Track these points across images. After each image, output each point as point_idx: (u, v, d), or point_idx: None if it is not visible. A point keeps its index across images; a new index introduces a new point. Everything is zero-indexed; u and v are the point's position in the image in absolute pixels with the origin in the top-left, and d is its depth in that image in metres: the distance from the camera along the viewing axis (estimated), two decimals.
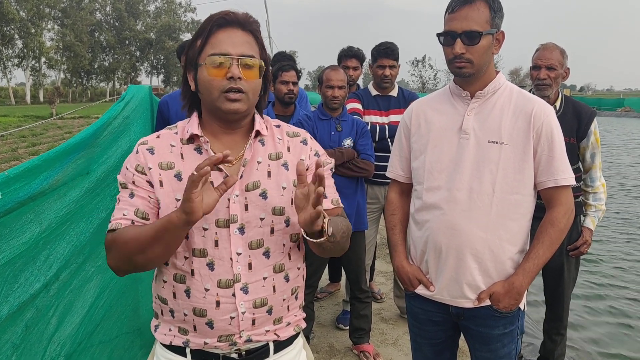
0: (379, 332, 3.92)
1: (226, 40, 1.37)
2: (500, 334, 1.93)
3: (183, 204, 1.20)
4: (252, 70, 1.39)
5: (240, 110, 1.39)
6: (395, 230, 2.14)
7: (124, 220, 1.38)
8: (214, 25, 1.39)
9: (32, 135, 18.29)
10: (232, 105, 1.37)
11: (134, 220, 1.38)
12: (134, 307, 2.66)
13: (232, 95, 1.36)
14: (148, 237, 1.29)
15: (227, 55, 1.36)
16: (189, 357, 1.44)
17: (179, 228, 1.25)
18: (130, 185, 1.41)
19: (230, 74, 1.35)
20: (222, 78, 1.36)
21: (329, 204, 1.52)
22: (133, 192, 1.40)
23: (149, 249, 1.30)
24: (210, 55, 1.37)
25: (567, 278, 3.08)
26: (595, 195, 3.01)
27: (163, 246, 1.30)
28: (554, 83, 2.86)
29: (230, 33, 1.39)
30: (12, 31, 51.69)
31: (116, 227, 1.37)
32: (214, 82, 1.36)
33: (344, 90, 3.23)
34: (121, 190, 1.43)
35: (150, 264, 1.37)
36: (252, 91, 1.40)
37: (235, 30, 1.39)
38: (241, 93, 1.37)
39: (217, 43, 1.37)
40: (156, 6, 72.47)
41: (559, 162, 1.83)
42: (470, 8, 1.77)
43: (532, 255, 1.85)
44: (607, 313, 4.81)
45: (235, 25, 1.39)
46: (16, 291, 1.74)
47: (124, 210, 1.39)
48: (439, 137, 1.94)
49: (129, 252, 1.33)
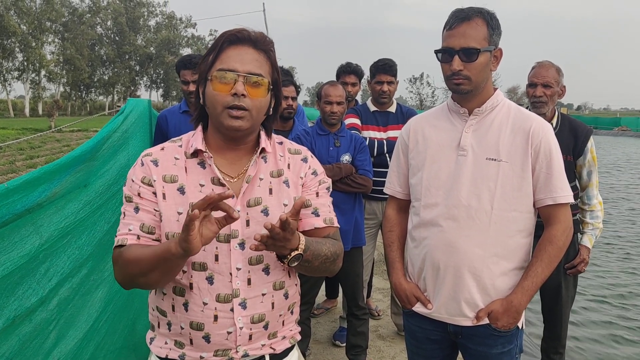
0: (376, 349, 3.89)
1: (235, 57, 1.39)
2: (498, 352, 1.92)
3: (181, 242, 1.20)
4: (258, 89, 1.39)
5: (242, 128, 1.39)
6: (393, 247, 2.13)
7: (130, 235, 1.39)
8: (226, 42, 1.41)
9: (30, 148, 18.27)
10: (235, 122, 1.38)
11: (139, 235, 1.39)
12: (132, 322, 2.64)
13: (234, 112, 1.37)
14: (148, 262, 1.30)
15: (233, 71, 1.37)
16: None
17: (177, 259, 1.26)
18: (135, 199, 1.41)
19: (234, 91, 1.36)
20: (227, 94, 1.37)
21: (320, 223, 1.53)
22: (138, 206, 1.41)
23: (149, 273, 1.32)
24: (218, 70, 1.38)
25: (565, 297, 3.07)
26: (592, 213, 3.01)
27: (161, 273, 1.32)
28: (550, 100, 2.89)
29: (240, 50, 1.40)
30: (12, 44, 51.93)
31: (122, 242, 1.39)
32: (219, 97, 1.38)
33: (342, 106, 3.25)
34: (126, 203, 1.43)
35: (151, 286, 1.40)
36: (256, 109, 1.40)
37: (246, 48, 1.41)
38: (244, 111, 1.38)
39: (226, 59, 1.39)
40: (157, 21, 73.07)
41: (558, 179, 1.83)
42: (468, 25, 1.78)
43: (530, 274, 1.84)
44: (603, 328, 4.78)
45: (246, 43, 1.41)
46: (12, 304, 1.72)
47: (130, 225, 1.40)
48: (437, 153, 1.94)
49: (131, 273, 1.35)
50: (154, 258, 1.29)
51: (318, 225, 1.52)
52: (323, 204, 1.55)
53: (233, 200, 1.40)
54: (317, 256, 1.42)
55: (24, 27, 52.67)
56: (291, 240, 1.31)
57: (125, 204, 1.43)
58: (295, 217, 1.27)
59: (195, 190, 1.41)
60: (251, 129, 1.44)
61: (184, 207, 1.39)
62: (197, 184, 1.42)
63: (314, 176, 1.56)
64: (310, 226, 1.52)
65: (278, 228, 1.23)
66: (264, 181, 1.47)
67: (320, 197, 1.55)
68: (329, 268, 1.51)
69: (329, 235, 1.54)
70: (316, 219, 1.52)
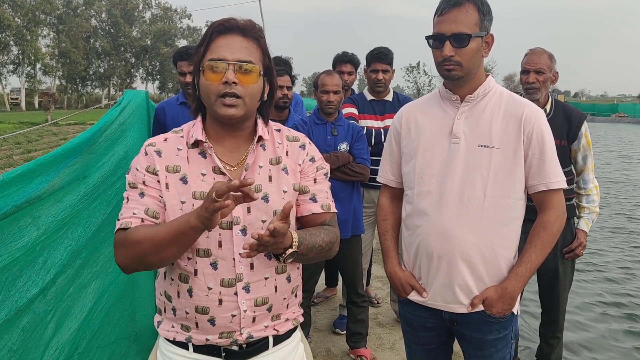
0: (375, 336, 3.93)
1: (225, 46, 1.41)
2: (494, 338, 1.93)
3: (203, 219, 1.24)
4: (249, 76, 1.41)
5: (236, 115, 1.42)
6: (387, 236, 2.13)
7: (135, 218, 1.41)
8: (215, 32, 1.43)
9: (27, 142, 18.21)
10: (228, 110, 1.40)
11: (144, 219, 1.41)
12: (130, 312, 2.66)
13: (227, 101, 1.39)
14: (164, 238, 1.32)
15: (223, 60, 1.39)
16: (191, 349, 1.48)
17: (197, 232, 1.30)
18: (140, 185, 1.44)
19: (225, 79, 1.38)
20: (219, 83, 1.39)
21: (318, 209, 1.56)
22: (143, 191, 1.43)
23: (164, 250, 1.34)
24: (209, 60, 1.40)
25: (563, 281, 3.10)
26: (588, 197, 3.04)
27: (178, 247, 1.35)
28: (543, 87, 2.91)
29: (229, 39, 1.42)
30: (7, 38, 51.58)
31: (127, 225, 1.40)
32: (211, 86, 1.40)
33: (339, 95, 3.25)
34: (130, 189, 1.45)
35: (161, 263, 1.41)
36: (249, 96, 1.43)
37: (235, 36, 1.43)
38: (237, 98, 1.40)
39: (216, 49, 1.41)
40: (152, 13, 72.54)
41: (550, 165, 1.83)
42: (459, 11, 1.77)
43: (524, 260, 1.85)
44: (602, 315, 4.82)
45: (235, 31, 1.43)
46: (14, 296, 1.74)
47: (134, 209, 1.42)
48: (429, 141, 1.93)
49: (141, 252, 1.36)
50: (171, 232, 1.31)
51: (315, 211, 1.56)
52: (321, 189, 1.59)
53: None
54: (311, 249, 1.46)
55: (19, 20, 52.27)
56: (283, 241, 1.34)
57: (129, 190, 1.45)
58: (285, 220, 1.29)
59: (197, 180, 1.44)
60: (246, 116, 1.46)
61: (186, 197, 1.42)
62: (199, 173, 1.45)
63: (312, 162, 1.59)
64: (307, 212, 1.56)
65: (267, 237, 1.25)
66: (264, 169, 1.50)
67: (318, 184, 1.59)
68: (325, 256, 1.55)
69: (326, 220, 1.58)
70: (314, 205, 1.56)
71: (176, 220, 1.34)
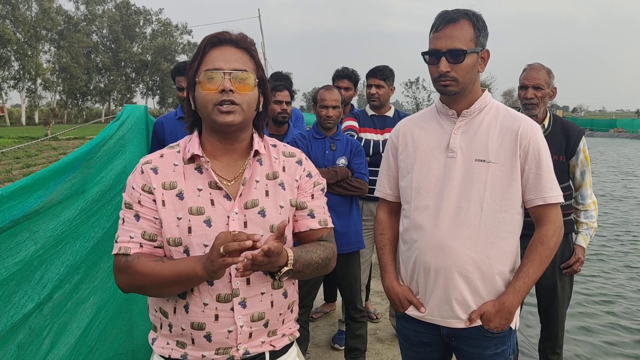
0: (374, 352, 3.90)
1: (219, 57, 1.43)
2: (492, 354, 1.92)
3: (210, 273, 1.30)
4: (245, 84, 1.43)
5: (235, 122, 1.43)
6: (384, 250, 2.12)
7: (133, 243, 1.42)
8: (208, 44, 1.46)
9: (27, 157, 18.24)
10: (226, 117, 1.41)
11: (142, 243, 1.43)
12: (128, 328, 2.64)
13: (224, 108, 1.41)
14: (167, 279, 1.36)
15: (219, 70, 1.41)
16: None
17: (202, 281, 1.36)
18: (136, 206, 1.44)
19: (222, 87, 1.40)
20: (216, 92, 1.41)
21: (316, 224, 1.58)
22: (138, 213, 1.44)
23: (166, 287, 1.39)
24: (205, 71, 1.42)
25: (561, 296, 3.08)
26: (586, 212, 3.04)
27: (180, 287, 1.40)
28: (541, 102, 2.92)
29: (223, 51, 1.45)
30: (8, 53, 51.90)
31: (126, 251, 1.41)
32: (208, 96, 1.42)
33: (338, 110, 3.27)
34: (125, 209, 1.46)
35: (161, 296, 1.45)
36: (246, 104, 1.44)
37: (228, 48, 1.45)
38: (234, 105, 1.41)
39: (211, 60, 1.43)
40: (153, 28, 73.15)
41: (547, 179, 1.83)
42: (455, 27, 1.79)
43: (522, 274, 1.85)
44: (600, 329, 4.79)
45: (228, 43, 1.46)
46: (10, 311, 1.73)
47: (131, 232, 1.43)
48: (426, 155, 1.94)
49: (144, 284, 1.40)
50: (175, 275, 1.36)
51: (313, 226, 1.58)
52: (318, 205, 1.61)
53: (230, 202, 1.45)
54: (307, 266, 1.47)
55: (20, 35, 52.66)
56: (278, 260, 1.34)
57: (125, 210, 1.46)
58: (279, 239, 1.30)
59: (193, 195, 1.45)
60: (243, 124, 1.47)
61: (183, 212, 1.43)
62: (195, 188, 1.46)
63: (309, 178, 1.60)
64: (305, 227, 1.58)
65: (261, 257, 1.26)
66: (260, 183, 1.51)
67: (315, 199, 1.60)
68: (322, 272, 1.56)
69: (323, 236, 1.60)
70: (311, 221, 1.58)
71: (182, 263, 1.37)
